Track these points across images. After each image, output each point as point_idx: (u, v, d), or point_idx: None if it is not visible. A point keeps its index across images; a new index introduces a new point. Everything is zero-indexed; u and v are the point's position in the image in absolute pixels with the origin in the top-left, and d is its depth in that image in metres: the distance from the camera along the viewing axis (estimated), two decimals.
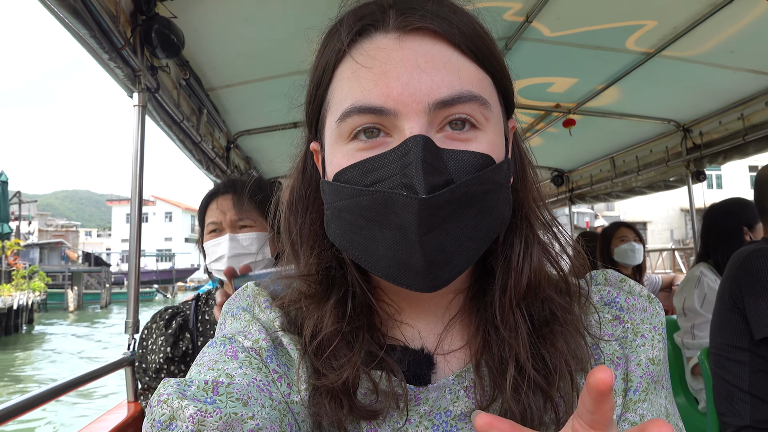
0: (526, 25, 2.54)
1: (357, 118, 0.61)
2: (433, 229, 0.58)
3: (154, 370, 1.72)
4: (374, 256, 0.62)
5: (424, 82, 0.59)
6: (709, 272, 2.91)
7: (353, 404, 0.63)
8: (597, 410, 0.42)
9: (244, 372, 0.61)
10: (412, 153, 0.57)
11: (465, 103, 0.60)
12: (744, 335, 2.04)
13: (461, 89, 0.60)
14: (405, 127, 0.59)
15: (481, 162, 0.61)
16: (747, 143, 3.36)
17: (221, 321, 0.74)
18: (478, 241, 0.62)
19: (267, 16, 2.38)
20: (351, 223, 0.63)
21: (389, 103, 0.59)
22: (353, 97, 0.61)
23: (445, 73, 0.60)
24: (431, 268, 0.59)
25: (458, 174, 0.59)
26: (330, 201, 0.66)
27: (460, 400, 0.66)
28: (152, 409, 0.53)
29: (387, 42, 0.62)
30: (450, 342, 0.70)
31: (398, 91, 0.59)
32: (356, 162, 0.62)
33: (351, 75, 0.63)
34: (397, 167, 0.59)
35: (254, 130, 3.86)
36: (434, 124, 0.61)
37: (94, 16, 1.63)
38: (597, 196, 5.34)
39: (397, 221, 0.58)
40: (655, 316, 0.72)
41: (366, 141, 0.62)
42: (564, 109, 3.71)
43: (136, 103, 2.07)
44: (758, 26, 2.48)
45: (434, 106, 0.59)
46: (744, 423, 2.03)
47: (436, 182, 0.57)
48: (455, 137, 0.61)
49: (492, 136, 0.63)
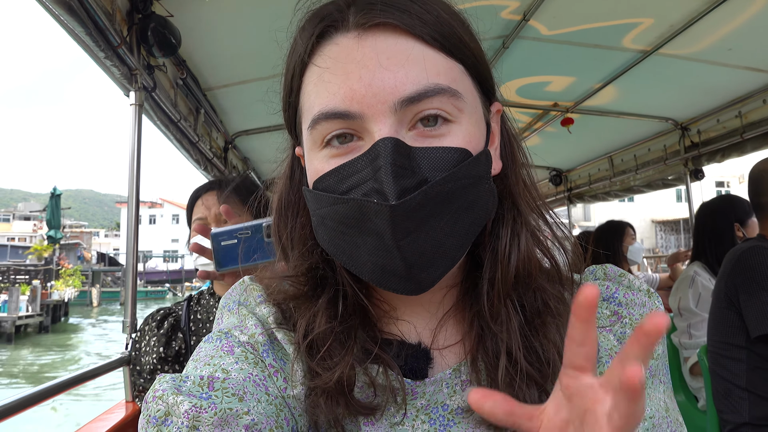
0: (523, 23, 2.53)
1: (326, 125, 0.60)
2: (410, 233, 0.57)
3: (149, 371, 1.72)
4: (359, 261, 0.61)
5: (388, 81, 0.58)
6: (702, 271, 2.92)
7: (349, 401, 0.62)
8: (585, 337, 0.42)
9: (240, 367, 0.60)
10: (381, 157, 0.56)
11: (433, 98, 0.59)
12: (740, 333, 2.04)
13: (427, 83, 0.58)
14: (374, 130, 0.58)
15: (456, 157, 0.59)
16: (745, 141, 3.36)
17: (218, 316, 0.74)
18: (461, 237, 0.61)
19: (264, 15, 2.37)
20: (334, 229, 0.62)
21: (354, 106, 0.58)
22: (320, 103, 0.60)
23: (409, 68, 0.58)
24: (413, 272, 0.58)
25: (433, 172, 0.58)
26: (313, 208, 0.66)
27: (457, 394, 0.65)
28: (147, 405, 0.53)
29: (347, 42, 0.60)
30: (446, 337, 0.70)
31: (362, 93, 0.58)
32: (331, 169, 0.61)
33: (316, 80, 0.62)
34: (369, 172, 0.58)
35: (252, 130, 3.85)
36: (404, 122, 0.59)
37: (90, 14, 1.63)
38: (595, 195, 5.33)
39: (373, 228, 0.57)
40: (654, 310, 0.72)
41: (338, 147, 0.61)
42: (562, 108, 3.71)
43: (133, 102, 2.07)
44: (755, 23, 2.48)
45: (400, 104, 0.58)
46: (743, 420, 2.03)
47: (407, 185, 0.56)
48: (427, 134, 0.60)
49: (467, 127, 0.61)
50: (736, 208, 2.93)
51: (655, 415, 0.67)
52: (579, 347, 0.44)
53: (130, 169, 2.11)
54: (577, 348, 0.44)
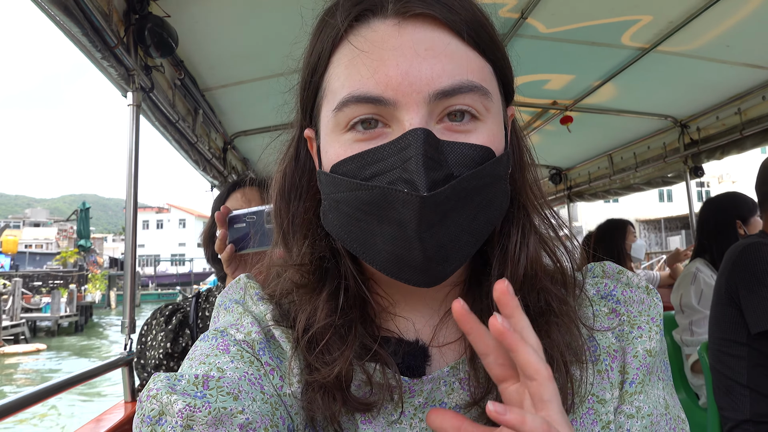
0: (521, 21, 2.53)
1: (355, 108, 0.59)
2: (433, 226, 0.56)
3: (153, 366, 1.71)
4: (373, 249, 0.61)
5: (424, 71, 0.58)
6: (705, 268, 2.91)
7: (347, 397, 0.62)
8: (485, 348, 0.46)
9: (235, 366, 0.60)
10: (413, 147, 0.56)
11: (466, 94, 0.59)
12: (741, 330, 2.04)
13: (462, 79, 0.59)
14: (404, 119, 0.58)
15: (481, 155, 0.60)
16: (744, 138, 3.36)
17: (215, 314, 0.73)
18: (476, 234, 0.61)
19: (261, 15, 2.37)
20: (349, 215, 0.61)
21: (388, 92, 0.58)
22: (351, 85, 0.59)
23: (446, 62, 0.58)
24: (430, 264, 0.58)
25: (458, 167, 0.58)
26: (327, 192, 0.64)
27: (455, 392, 0.65)
28: (142, 404, 0.52)
29: (385, 28, 0.60)
30: (445, 334, 0.69)
31: (397, 81, 0.57)
32: (354, 154, 0.60)
33: (348, 62, 0.61)
34: (397, 161, 0.57)
35: (251, 131, 3.85)
36: (434, 114, 0.59)
37: (86, 14, 1.63)
38: (595, 193, 5.33)
39: (396, 217, 0.57)
40: (653, 307, 0.72)
41: (364, 132, 0.60)
42: (561, 106, 3.71)
43: (131, 103, 2.07)
44: (753, 20, 2.47)
45: (434, 96, 0.58)
46: (744, 417, 2.02)
47: (436, 178, 0.56)
48: (455, 129, 0.60)
49: (492, 127, 0.62)
50: (739, 205, 2.92)
51: (653, 413, 0.66)
52: (485, 358, 0.48)
53: (129, 170, 2.11)
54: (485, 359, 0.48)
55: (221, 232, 1.29)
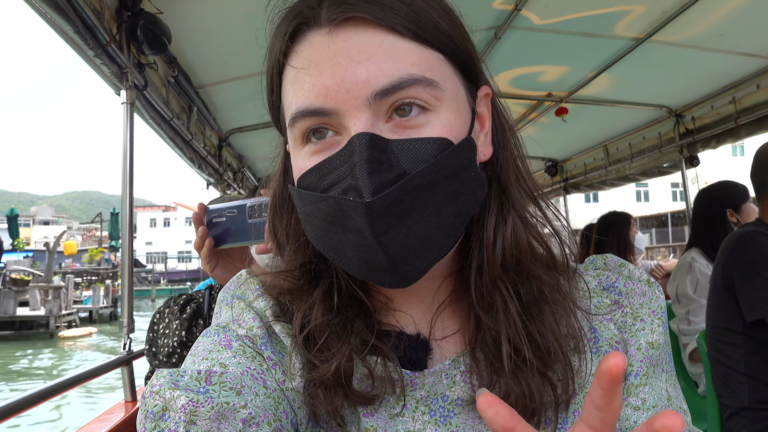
0: (515, 13, 2.52)
1: (303, 122, 0.60)
2: (389, 229, 0.56)
3: (166, 354, 1.68)
4: (345, 257, 0.61)
5: (360, 75, 0.56)
6: (700, 257, 2.93)
7: (348, 392, 0.62)
8: (606, 405, 0.40)
9: (237, 361, 0.60)
10: (356, 153, 0.55)
11: (407, 88, 0.57)
12: (737, 318, 2.05)
13: (401, 74, 0.57)
14: (350, 125, 0.57)
15: (436, 147, 0.58)
16: (739, 126, 3.36)
17: (217, 309, 0.74)
18: (447, 228, 0.60)
19: (254, 11, 2.36)
20: (319, 227, 0.62)
21: (328, 103, 0.57)
22: (296, 101, 0.60)
23: (381, 61, 0.57)
24: (398, 266, 0.58)
25: (412, 164, 0.57)
26: (299, 206, 0.65)
27: (457, 385, 0.65)
28: (145, 400, 0.52)
29: (319, 38, 0.59)
30: (444, 327, 0.69)
31: (335, 89, 0.57)
32: (312, 167, 0.60)
33: (293, 79, 0.61)
34: (347, 169, 0.57)
35: (246, 127, 3.84)
36: (380, 115, 0.58)
37: (78, 11, 1.62)
38: (591, 185, 5.33)
39: (353, 225, 0.56)
40: (655, 300, 0.71)
41: (317, 143, 0.60)
42: (556, 98, 3.71)
43: (124, 101, 2.06)
44: (747, 8, 2.47)
45: (374, 97, 0.56)
46: (743, 404, 2.04)
47: (384, 180, 0.55)
48: (404, 125, 0.58)
49: (447, 115, 0.60)
50: (730, 194, 2.94)
51: (658, 405, 0.67)
52: (597, 411, 0.42)
53: (124, 168, 2.10)
54: (595, 410, 0.42)
55: (200, 229, 1.29)
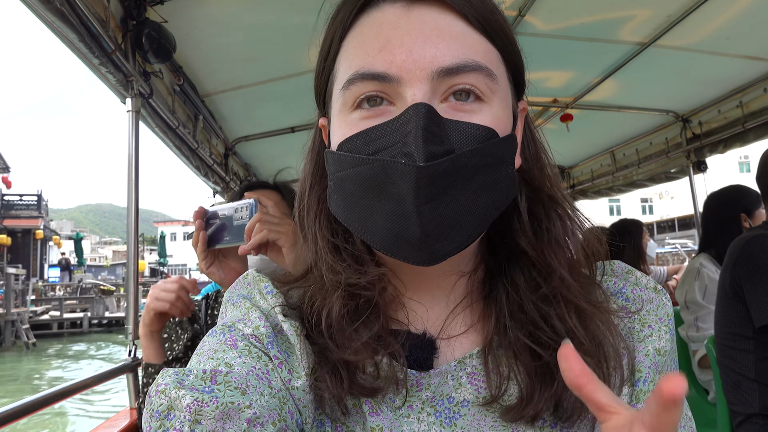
0: (520, 18, 2.53)
1: (361, 85, 0.61)
2: (431, 200, 0.56)
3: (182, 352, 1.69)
4: (373, 227, 0.61)
5: (429, 50, 0.59)
6: (708, 263, 2.89)
7: (353, 381, 0.62)
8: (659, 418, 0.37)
9: (243, 361, 0.60)
10: (413, 121, 0.57)
11: (470, 73, 0.60)
12: (747, 323, 2.02)
13: (467, 58, 0.60)
14: (407, 95, 0.59)
15: (484, 134, 0.60)
16: (747, 131, 3.33)
17: (222, 309, 0.74)
18: (479, 216, 0.61)
19: (259, 19, 2.37)
20: (352, 193, 0.62)
21: (392, 69, 0.59)
22: (357, 63, 0.61)
23: (451, 42, 0.60)
24: (429, 240, 0.58)
25: (460, 145, 0.58)
26: (333, 171, 0.65)
27: (463, 386, 0.65)
28: (151, 399, 0.53)
29: (394, 11, 0.61)
30: (453, 326, 0.69)
31: (402, 58, 0.59)
32: (359, 131, 0.61)
33: (357, 44, 0.63)
34: (399, 136, 0.58)
35: (252, 136, 3.85)
36: (438, 93, 0.60)
37: (83, 20, 1.63)
38: (599, 191, 5.30)
39: (395, 191, 0.57)
40: (662, 307, 0.71)
41: (369, 109, 0.61)
42: (561, 103, 3.70)
43: (130, 109, 2.07)
44: (752, 11, 2.46)
45: (438, 74, 0.59)
46: (753, 411, 2.00)
47: (435, 151, 0.56)
48: (459, 108, 0.60)
49: (497, 109, 0.62)
50: (743, 198, 2.89)
51: None
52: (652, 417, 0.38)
53: (129, 176, 2.11)
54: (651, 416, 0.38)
55: (197, 222, 1.34)
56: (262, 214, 1.22)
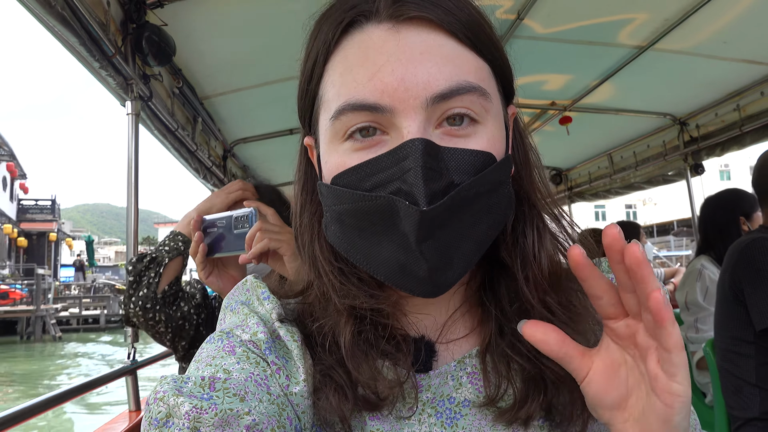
0: (518, 22, 2.54)
1: (351, 117, 0.58)
2: (432, 236, 0.56)
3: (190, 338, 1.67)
4: (376, 260, 0.61)
5: (421, 75, 0.57)
6: (710, 264, 2.90)
7: (357, 395, 0.62)
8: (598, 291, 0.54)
9: (241, 367, 0.60)
10: (411, 158, 0.55)
11: (464, 95, 0.58)
12: (748, 327, 2.01)
13: (459, 80, 0.58)
14: (402, 126, 0.57)
15: (482, 161, 0.59)
16: (744, 134, 3.34)
17: (221, 316, 0.73)
18: (478, 241, 0.61)
19: (258, 22, 2.38)
20: (353, 226, 0.61)
21: (384, 99, 0.57)
22: (346, 93, 0.59)
23: (442, 65, 0.58)
24: (433, 274, 0.58)
25: (458, 174, 0.57)
26: (329, 204, 0.64)
27: (463, 386, 0.65)
28: (149, 407, 0.52)
29: (380, 33, 0.59)
30: (452, 332, 0.69)
31: (393, 87, 0.56)
32: (355, 165, 0.59)
33: (343, 69, 0.60)
34: (397, 171, 0.56)
35: (250, 138, 3.86)
36: (432, 120, 0.58)
37: (83, 24, 1.63)
38: (596, 193, 5.32)
39: (399, 228, 0.57)
40: None
41: (362, 140, 0.59)
42: (559, 106, 3.71)
43: (129, 112, 2.07)
44: (750, 15, 2.47)
45: (432, 100, 0.57)
46: (753, 415, 2.00)
47: (436, 189, 0.55)
48: (454, 133, 0.59)
49: (492, 129, 0.61)
50: (742, 202, 2.90)
51: None
52: (599, 300, 0.51)
53: (128, 177, 2.11)
54: (599, 301, 0.51)
55: (197, 234, 1.33)
56: (262, 223, 1.22)
